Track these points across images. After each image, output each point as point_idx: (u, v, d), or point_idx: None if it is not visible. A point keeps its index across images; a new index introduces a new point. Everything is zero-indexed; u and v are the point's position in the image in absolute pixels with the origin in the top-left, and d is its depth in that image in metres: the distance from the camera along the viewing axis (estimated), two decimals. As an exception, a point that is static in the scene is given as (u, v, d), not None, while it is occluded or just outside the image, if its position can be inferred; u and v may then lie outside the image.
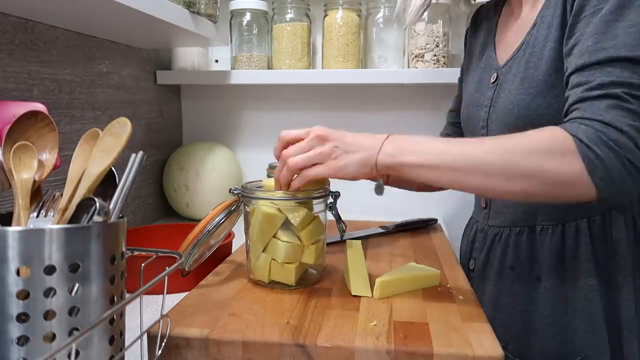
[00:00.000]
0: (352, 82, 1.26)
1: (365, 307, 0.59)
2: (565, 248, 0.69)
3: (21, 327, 0.38)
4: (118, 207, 0.45)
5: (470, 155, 0.56)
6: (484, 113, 0.78)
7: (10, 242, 0.38)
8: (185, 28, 0.98)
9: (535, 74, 0.67)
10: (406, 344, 0.50)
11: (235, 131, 1.47)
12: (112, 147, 0.45)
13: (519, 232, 0.74)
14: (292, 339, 0.51)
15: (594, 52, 0.57)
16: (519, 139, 0.56)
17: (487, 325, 0.54)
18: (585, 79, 0.57)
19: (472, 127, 0.83)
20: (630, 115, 0.54)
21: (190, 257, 0.67)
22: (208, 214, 0.68)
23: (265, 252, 0.66)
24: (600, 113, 0.54)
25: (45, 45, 0.88)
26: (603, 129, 0.53)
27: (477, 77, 0.83)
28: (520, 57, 0.71)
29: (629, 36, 0.56)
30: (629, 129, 0.53)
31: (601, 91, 0.55)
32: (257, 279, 0.67)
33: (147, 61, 1.27)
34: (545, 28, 0.67)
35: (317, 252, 0.67)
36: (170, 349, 0.52)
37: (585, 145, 0.53)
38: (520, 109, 0.68)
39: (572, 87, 0.59)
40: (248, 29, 1.31)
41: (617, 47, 0.56)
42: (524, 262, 0.73)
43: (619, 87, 0.55)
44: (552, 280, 0.70)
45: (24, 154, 0.46)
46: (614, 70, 0.55)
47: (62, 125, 0.93)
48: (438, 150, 0.57)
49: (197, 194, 1.25)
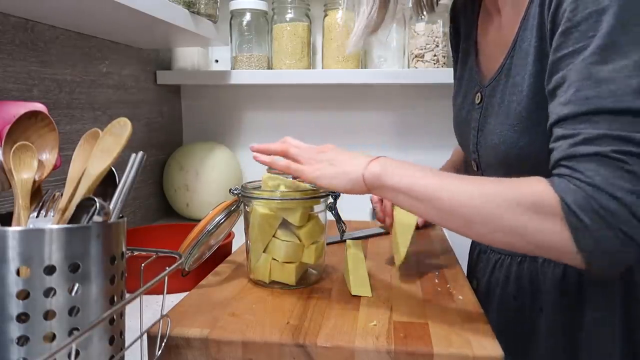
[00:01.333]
0: (352, 82, 1.26)
1: (365, 307, 0.59)
2: (568, 280, 0.66)
3: (21, 327, 0.38)
4: (118, 207, 0.45)
5: (454, 197, 0.51)
6: (472, 137, 0.74)
7: (10, 242, 0.38)
8: (185, 28, 0.98)
9: (518, 109, 0.63)
10: (406, 344, 0.50)
11: (235, 131, 1.47)
12: (112, 147, 0.45)
13: (520, 261, 0.71)
14: (292, 339, 0.51)
15: (576, 102, 0.50)
16: (505, 188, 0.51)
17: (487, 325, 0.54)
18: (569, 132, 0.51)
19: (464, 146, 0.80)
20: (624, 175, 0.47)
21: (190, 257, 0.67)
22: (208, 214, 0.68)
23: (266, 252, 0.66)
24: (590, 174, 0.48)
25: (45, 45, 0.88)
26: (594, 194, 0.47)
27: (463, 90, 0.79)
28: (502, 83, 0.67)
29: (614, 83, 0.49)
30: (623, 195, 0.46)
31: (588, 147, 0.49)
32: (257, 279, 0.67)
33: (147, 61, 1.27)
34: (523, 57, 0.63)
35: (317, 252, 0.67)
36: (170, 349, 0.52)
37: (572, 211, 0.47)
38: (507, 146, 0.65)
39: (556, 139, 0.53)
40: (248, 29, 1.30)
41: (601, 96, 0.49)
42: (526, 292, 0.71)
43: (608, 143, 0.48)
44: (556, 312, 0.67)
45: (24, 154, 0.46)
46: (600, 122, 0.49)
47: (62, 125, 0.93)
48: (425, 183, 0.53)
49: (197, 194, 1.25)
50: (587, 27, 0.51)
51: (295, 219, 0.64)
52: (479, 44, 0.77)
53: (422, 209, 0.54)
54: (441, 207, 0.52)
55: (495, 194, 0.50)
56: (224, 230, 0.73)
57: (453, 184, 0.53)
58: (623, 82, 0.49)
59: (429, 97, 1.36)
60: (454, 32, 0.87)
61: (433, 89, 1.35)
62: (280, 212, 0.65)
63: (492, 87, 0.69)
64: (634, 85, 0.48)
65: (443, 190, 0.52)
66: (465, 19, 0.81)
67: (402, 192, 0.54)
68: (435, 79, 1.22)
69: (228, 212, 0.68)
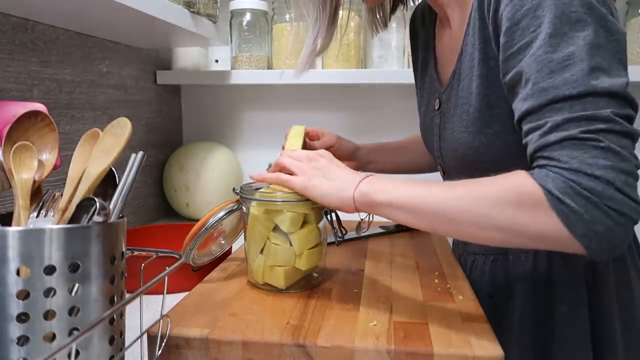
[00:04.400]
0: (352, 82, 1.26)
1: (365, 307, 0.59)
2: (537, 272, 0.68)
3: (21, 327, 0.38)
4: (118, 207, 0.45)
5: (440, 202, 0.52)
6: (435, 142, 0.76)
7: (10, 242, 0.38)
8: (185, 28, 0.98)
9: (469, 110, 0.64)
10: (406, 344, 0.50)
11: (235, 131, 1.47)
12: (112, 147, 0.45)
13: (493, 260, 0.73)
14: (292, 339, 0.51)
15: (534, 95, 0.51)
16: (487, 186, 0.51)
17: (487, 325, 0.54)
18: (535, 123, 0.51)
19: (430, 152, 0.82)
20: (600, 153, 0.47)
21: (191, 252, 0.67)
22: (211, 210, 0.69)
23: (262, 254, 0.65)
24: (566, 160, 0.47)
25: (45, 45, 0.88)
26: (573, 177, 0.46)
27: (425, 99, 0.81)
28: (455, 87, 0.69)
29: (567, 71, 0.49)
30: (602, 172, 0.46)
31: (557, 134, 0.49)
32: (253, 279, 0.67)
33: (147, 61, 1.27)
34: (468, 60, 0.64)
35: (310, 259, 0.65)
36: (170, 349, 0.52)
37: (556, 198, 0.47)
38: (464, 148, 0.66)
39: (526, 134, 0.53)
40: (248, 29, 1.31)
41: (557, 86, 0.49)
42: (501, 290, 0.72)
43: (574, 125, 0.48)
44: (528, 308, 0.69)
45: (24, 154, 0.46)
46: (562, 109, 0.49)
47: (62, 125, 0.93)
48: (411, 194, 0.54)
49: (197, 194, 1.25)
50: (528, 22, 0.52)
51: (285, 225, 0.63)
52: (437, 52, 0.79)
53: (412, 218, 0.54)
54: (430, 215, 0.53)
55: (479, 194, 0.50)
56: (236, 229, 0.73)
57: (439, 191, 0.53)
58: (574, 68, 0.49)
59: (429, 97, 1.36)
60: (412, 42, 0.89)
61: (433, 89, 1.35)
62: (273, 215, 0.64)
63: (448, 92, 0.71)
64: (585, 69, 0.49)
65: (429, 197, 0.53)
66: (424, 29, 0.83)
67: (391, 206, 0.55)
68: (435, 79, 1.21)
69: (230, 210, 0.68)
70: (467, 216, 0.50)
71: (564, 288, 0.67)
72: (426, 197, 0.53)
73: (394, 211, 0.55)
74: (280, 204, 0.63)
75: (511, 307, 0.71)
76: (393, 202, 0.54)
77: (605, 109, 0.47)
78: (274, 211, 0.63)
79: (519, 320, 0.70)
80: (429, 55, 0.80)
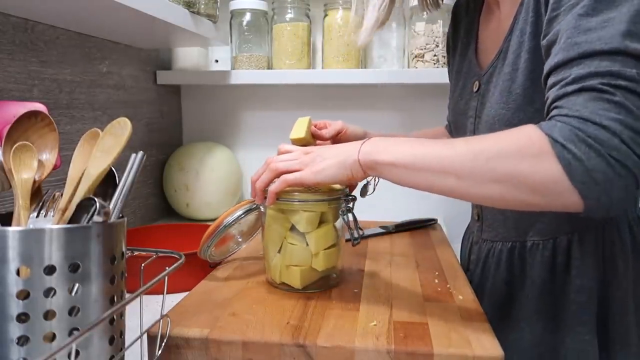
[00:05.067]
0: (352, 82, 1.26)
1: (365, 307, 0.59)
2: (556, 264, 0.68)
3: (21, 327, 0.38)
4: (118, 207, 0.45)
5: (441, 156, 0.52)
6: (470, 124, 0.76)
7: (10, 242, 0.38)
8: (185, 28, 0.98)
9: (512, 87, 0.65)
10: (406, 344, 0.50)
11: (235, 131, 1.47)
12: (112, 147, 0.45)
13: (511, 247, 0.73)
14: (292, 339, 0.51)
15: (566, 49, 0.51)
16: (490, 140, 0.51)
17: (487, 325, 0.54)
18: (560, 77, 0.52)
19: (460, 136, 0.82)
20: (612, 107, 0.47)
21: (208, 249, 0.68)
22: (230, 209, 0.69)
23: (280, 253, 0.65)
24: (577, 108, 0.48)
25: (45, 45, 0.88)
26: (580, 125, 0.47)
27: (461, 83, 0.81)
28: (499, 67, 0.69)
29: (603, 30, 0.50)
30: (610, 123, 0.46)
31: (578, 85, 0.49)
32: (271, 278, 0.66)
33: (147, 61, 1.27)
34: (518, 36, 0.65)
35: (327, 259, 0.64)
36: (170, 349, 0.52)
37: (560, 144, 0.47)
38: (502, 124, 0.66)
39: (549, 87, 0.54)
40: (248, 29, 1.30)
41: (590, 41, 0.50)
42: (517, 278, 0.72)
43: (597, 78, 0.48)
44: (544, 298, 0.69)
45: (24, 154, 0.46)
46: (590, 63, 0.49)
47: (62, 125, 0.93)
48: (412, 151, 0.54)
49: (197, 194, 1.25)
50: None
51: (302, 225, 0.63)
52: (479, 38, 0.80)
53: (414, 177, 0.54)
54: (430, 171, 0.53)
55: (481, 149, 0.51)
56: (254, 227, 0.73)
57: (440, 148, 0.53)
58: (611, 28, 0.50)
59: (428, 97, 1.36)
60: (453, 29, 0.89)
61: (433, 89, 1.35)
62: (289, 215, 0.63)
63: (490, 73, 0.72)
64: (622, 30, 0.49)
65: (430, 154, 0.53)
66: (467, 17, 0.84)
67: (393, 165, 0.55)
68: (435, 79, 1.22)
69: (248, 209, 0.68)
70: (467, 171, 0.51)
71: (581, 278, 0.66)
72: (427, 154, 0.53)
73: (396, 170, 0.55)
74: (297, 203, 0.63)
75: (525, 296, 0.71)
76: (395, 161, 0.55)
77: (632, 69, 0.48)
78: (290, 211, 0.63)
79: (534, 309, 0.69)
80: (471, 41, 0.81)
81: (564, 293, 0.68)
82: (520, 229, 0.71)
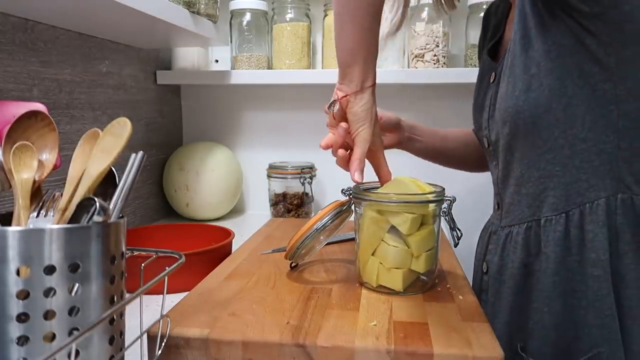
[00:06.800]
0: (352, 82, 1.26)
1: (365, 307, 0.59)
2: (570, 238, 0.68)
3: (21, 327, 0.38)
4: (118, 207, 0.45)
5: None
6: (485, 113, 0.80)
7: (10, 242, 0.38)
8: (185, 28, 0.98)
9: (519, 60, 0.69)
10: (406, 344, 0.50)
11: (235, 131, 1.47)
12: (112, 147, 0.45)
13: (527, 227, 0.73)
14: (292, 339, 0.51)
15: None
16: None
17: (487, 325, 0.54)
18: None
19: (478, 130, 0.85)
20: None
21: (297, 252, 0.67)
22: (318, 213, 0.67)
23: (374, 255, 0.64)
24: None
25: (45, 45, 0.88)
26: None
27: (480, 76, 0.86)
28: (509, 53, 0.73)
29: None
30: None
31: None
32: (365, 281, 0.66)
33: (147, 61, 1.27)
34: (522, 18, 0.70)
35: (427, 261, 0.64)
36: (170, 349, 0.52)
37: None
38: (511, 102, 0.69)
39: None
40: (248, 29, 1.31)
41: None
42: (534, 257, 0.72)
43: None
44: (561, 274, 0.68)
45: (24, 154, 0.46)
46: None
47: (62, 125, 0.93)
48: None
49: (197, 194, 1.25)
50: None
51: (405, 227, 0.61)
52: (503, 38, 0.84)
53: None
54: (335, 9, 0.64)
55: None
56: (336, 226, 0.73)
57: None
58: None
59: (428, 97, 1.36)
60: (483, 33, 0.94)
61: (433, 89, 1.35)
62: (390, 216, 0.62)
63: (505, 62, 0.75)
64: None
65: None
66: (496, 18, 0.89)
67: None
68: (435, 79, 1.22)
69: (338, 212, 0.67)
70: None
71: (596, 252, 0.66)
72: None
73: None
74: (400, 205, 0.62)
75: (543, 271, 0.70)
76: None
77: None
78: (390, 212, 0.62)
79: (552, 286, 0.69)
80: (497, 43, 0.85)
81: (581, 266, 0.67)
82: (534, 206, 0.72)
